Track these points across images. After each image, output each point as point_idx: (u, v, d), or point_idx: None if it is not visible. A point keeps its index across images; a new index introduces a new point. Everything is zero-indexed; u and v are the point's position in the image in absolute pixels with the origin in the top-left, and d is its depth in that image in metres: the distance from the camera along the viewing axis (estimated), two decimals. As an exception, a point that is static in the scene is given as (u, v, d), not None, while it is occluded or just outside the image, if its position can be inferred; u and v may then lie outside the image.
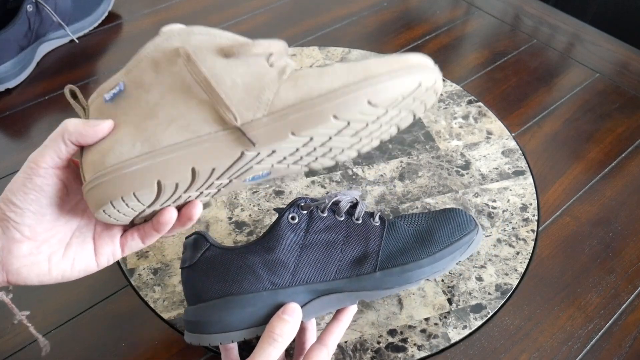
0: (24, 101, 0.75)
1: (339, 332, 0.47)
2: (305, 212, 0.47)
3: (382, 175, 0.67)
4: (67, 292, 0.56)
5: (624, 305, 0.57)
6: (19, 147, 0.70)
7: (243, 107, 0.39)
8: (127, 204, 0.39)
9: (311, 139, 0.39)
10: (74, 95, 0.42)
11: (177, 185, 0.39)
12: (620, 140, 0.74)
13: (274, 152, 0.40)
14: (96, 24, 0.86)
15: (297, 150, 0.41)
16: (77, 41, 0.84)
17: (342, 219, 0.48)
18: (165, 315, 0.54)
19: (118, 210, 0.40)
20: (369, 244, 0.47)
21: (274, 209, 0.49)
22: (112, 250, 0.45)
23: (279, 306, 0.45)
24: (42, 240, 0.41)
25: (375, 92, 0.38)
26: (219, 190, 0.44)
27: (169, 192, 0.39)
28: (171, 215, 0.42)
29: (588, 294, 0.58)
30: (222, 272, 0.45)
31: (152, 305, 0.55)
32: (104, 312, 0.54)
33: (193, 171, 0.39)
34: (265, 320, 0.44)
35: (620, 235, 0.63)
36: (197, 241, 0.47)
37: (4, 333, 0.52)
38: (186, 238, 0.48)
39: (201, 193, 0.43)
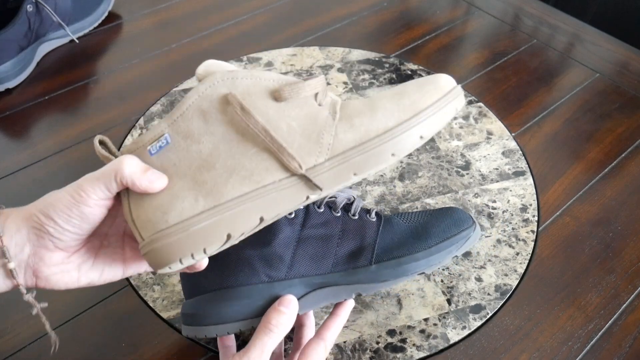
0: (24, 101, 0.75)
1: (336, 327, 0.47)
2: (301, 207, 0.46)
3: (382, 176, 0.67)
4: (67, 292, 0.56)
5: (624, 305, 0.57)
6: (19, 147, 0.70)
7: (304, 153, 0.39)
8: (194, 258, 0.39)
9: (366, 176, 0.41)
10: (102, 143, 0.40)
11: (243, 233, 0.39)
12: (620, 140, 0.74)
13: (331, 191, 0.41)
14: (96, 24, 0.87)
15: (350, 185, 0.43)
16: (77, 41, 0.84)
17: (338, 214, 0.48)
18: (165, 315, 0.54)
19: (182, 264, 0.39)
20: (365, 238, 0.48)
21: None
22: (139, 265, 0.44)
23: (274, 298, 0.45)
24: (74, 251, 0.41)
25: (426, 127, 0.41)
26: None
27: (234, 240, 0.39)
28: (205, 262, 0.43)
29: (588, 294, 0.58)
30: (218, 265, 0.45)
31: (151, 304, 0.55)
32: (104, 312, 0.54)
33: (261, 219, 0.39)
34: (261, 312, 0.45)
35: (620, 235, 0.63)
36: None
37: (4, 333, 0.52)
38: None
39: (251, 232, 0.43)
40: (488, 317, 0.55)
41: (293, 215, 0.47)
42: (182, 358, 0.52)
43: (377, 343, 0.53)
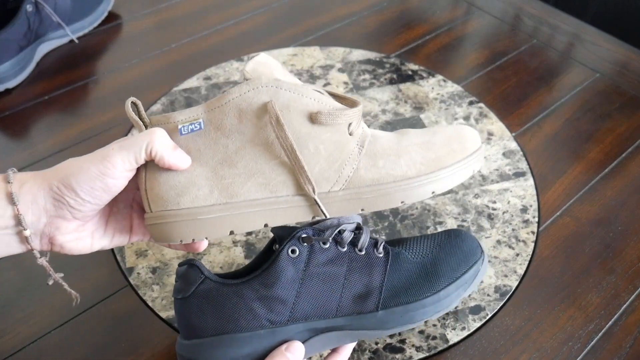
0: (23, 101, 0.75)
1: None
2: (306, 244, 0.44)
3: (382, 176, 0.67)
4: (67, 292, 0.56)
5: (625, 305, 0.57)
6: (18, 147, 0.70)
7: (322, 178, 0.41)
8: (194, 241, 0.41)
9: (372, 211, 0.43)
10: (135, 106, 0.41)
11: (245, 233, 0.41)
12: (621, 140, 0.74)
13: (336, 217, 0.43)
14: (96, 24, 0.86)
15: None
16: (77, 41, 0.84)
17: (344, 250, 0.45)
18: (163, 314, 0.54)
19: (181, 242, 0.41)
20: (372, 279, 0.45)
21: (272, 230, 0.46)
22: (143, 232, 0.46)
23: (276, 345, 0.43)
24: (89, 220, 0.42)
25: (441, 185, 0.43)
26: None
27: (234, 235, 0.42)
28: (203, 245, 0.45)
29: (588, 294, 0.58)
30: (217, 308, 0.43)
31: (150, 304, 0.55)
32: (104, 312, 0.54)
33: (265, 225, 0.42)
34: (261, 359, 0.43)
35: (620, 236, 0.63)
36: (191, 273, 0.44)
37: (4, 333, 0.52)
38: (179, 265, 0.46)
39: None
40: (487, 318, 0.55)
41: (297, 254, 0.44)
42: (182, 358, 0.52)
43: (376, 344, 0.53)
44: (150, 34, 0.87)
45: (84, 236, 0.42)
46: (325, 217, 0.42)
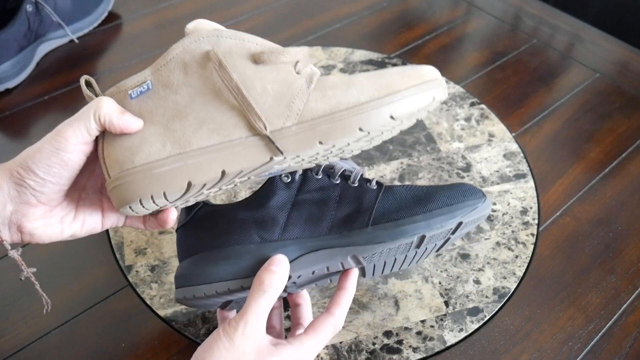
0: (23, 101, 0.75)
1: (345, 302, 0.46)
2: (298, 173, 0.46)
3: (382, 176, 0.67)
4: (67, 292, 0.56)
5: (625, 305, 0.57)
6: (18, 147, 0.70)
7: (273, 115, 0.41)
8: (154, 201, 0.41)
9: (333, 145, 0.42)
10: (88, 84, 0.42)
11: (204, 184, 0.41)
12: (621, 141, 0.74)
13: (297, 156, 0.42)
14: (96, 24, 0.86)
15: (317, 153, 0.43)
16: (77, 41, 0.84)
17: (337, 182, 0.46)
18: (162, 313, 0.54)
19: (143, 206, 0.41)
20: (362, 203, 0.46)
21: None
22: (117, 217, 0.46)
23: (265, 259, 0.44)
24: (55, 204, 0.42)
25: (398, 107, 0.41)
26: (235, 185, 0.45)
27: (195, 190, 0.41)
28: (172, 215, 0.44)
29: (588, 294, 0.58)
30: (211, 227, 0.45)
31: (148, 302, 0.55)
32: (104, 312, 0.54)
33: (223, 172, 0.40)
34: (251, 272, 0.44)
35: (620, 236, 0.63)
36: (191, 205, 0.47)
37: (4, 333, 0.52)
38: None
39: (220, 189, 0.44)
40: (485, 319, 0.55)
41: (289, 180, 0.46)
42: (182, 358, 0.52)
43: (374, 344, 0.53)
44: (150, 34, 0.87)
45: (52, 222, 0.42)
46: (281, 153, 0.41)
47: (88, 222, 0.45)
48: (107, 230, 0.60)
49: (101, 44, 0.85)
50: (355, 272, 0.47)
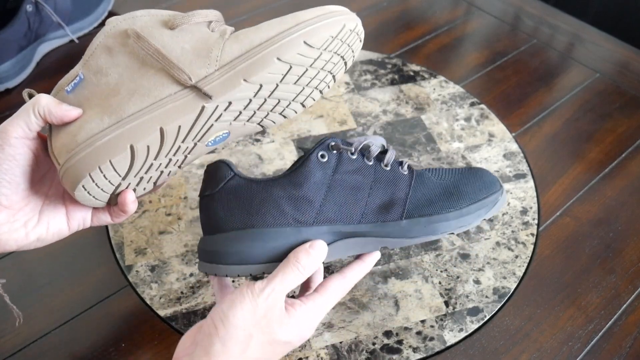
0: (23, 101, 0.75)
1: (360, 270, 0.47)
2: (335, 152, 0.46)
3: (382, 176, 0.67)
4: (66, 293, 0.56)
5: (625, 305, 0.57)
6: (18, 147, 0.70)
7: (195, 67, 0.44)
8: (104, 175, 0.42)
9: (260, 86, 0.44)
10: (31, 96, 0.44)
11: (148, 148, 0.43)
12: (621, 141, 0.74)
13: (230, 104, 0.44)
14: (96, 24, 0.86)
15: (250, 102, 0.45)
16: (77, 41, 0.84)
17: (370, 163, 0.47)
18: (162, 312, 0.54)
19: (96, 185, 0.43)
20: (396, 191, 0.47)
21: (299, 147, 0.48)
22: (83, 217, 0.47)
23: (300, 244, 0.44)
24: (18, 208, 0.44)
25: (308, 33, 0.44)
26: (185, 157, 0.47)
27: (141, 157, 0.43)
28: (130, 196, 0.46)
29: (588, 294, 0.58)
30: (245, 203, 0.45)
31: (148, 302, 0.55)
32: (104, 312, 0.54)
33: (161, 131, 0.42)
34: (285, 257, 0.44)
35: (620, 236, 0.63)
36: (221, 169, 0.46)
37: (4, 333, 0.52)
38: (208, 167, 0.47)
39: (170, 161, 0.46)
40: (485, 319, 0.55)
41: (326, 159, 0.46)
42: (181, 358, 0.52)
43: (374, 344, 0.53)
44: (150, 34, 0.87)
45: (17, 227, 0.44)
46: (210, 97, 0.43)
47: (53, 225, 0.46)
48: (107, 230, 0.60)
49: (101, 44, 0.85)
50: (377, 254, 0.48)
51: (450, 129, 0.73)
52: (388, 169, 0.48)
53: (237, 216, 0.45)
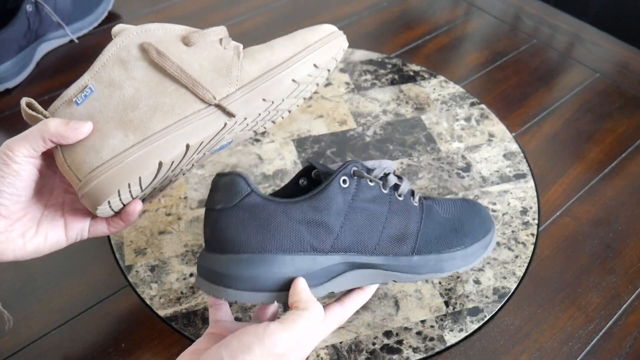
0: (23, 101, 0.75)
1: (358, 300, 0.47)
2: (355, 178, 0.45)
3: (382, 176, 0.67)
4: (66, 293, 0.56)
5: (625, 305, 0.57)
6: (18, 147, 0.70)
7: (217, 86, 0.45)
8: (130, 190, 0.43)
9: (272, 102, 0.47)
10: (30, 106, 0.44)
11: (172, 162, 0.44)
12: (621, 141, 0.74)
13: (245, 119, 0.47)
14: (96, 24, 0.86)
15: (259, 115, 0.48)
16: (76, 41, 0.84)
17: (386, 192, 0.47)
18: (161, 313, 0.54)
19: (120, 199, 0.43)
20: (409, 224, 0.47)
21: (309, 161, 0.48)
22: (81, 228, 0.47)
23: (314, 273, 0.43)
24: (16, 218, 0.44)
25: (317, 56, 0.48)
26: (192, 165, 0.49)
27: (164, 171, 0.44)
28: (139, 206, 0.46)
29: (588, 294, 0.58)
30: (262, 224, 0.42)
31: (148, 302, 0.55)
32: (104, 312, 0.54)
33: (187, 146, 0.44)
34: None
35: (620, 236, 0.63)
36: (237, 183, 0.43)
37: (3, 333, 0.52)
38: (219, 176, 0.44)
39: (181, 170, 0.47)
40: (485, 320, 0.55)
41: (347, 185, 0.44)
42: (181, 358, 0.52)
43: (374, 344, 0.53)
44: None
45: (14, 236, 0.44)
46: (233, 116, 0.45)
47: (51, 236, 0.46)
48: (107, 230, 0.60)
49: (101, 44, 0.84)
50: (376, 285, 0.48)
51: (450, 129, 0.73)
52: (401, 199, 0.47)
53: (253, 238, 0.42)
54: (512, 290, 0.57)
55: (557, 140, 0.73)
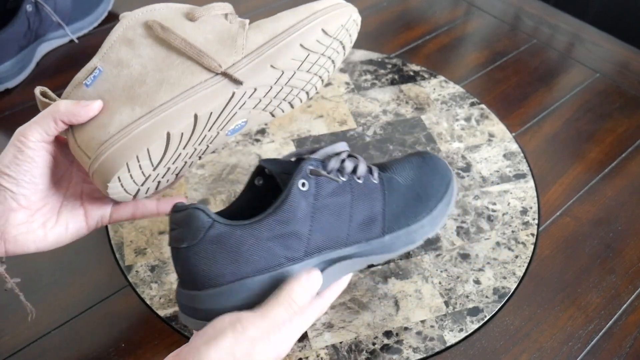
0: (23, 101, 0.75)
1: (336, 289, 0.47)
2: (313, 177, 0.45)
3: (382, 176, 0.67)
4: (67, 292, 0.56)
5: (625, 305, 0.57)
6: (18, 147, 0.70)
7: (223, 55, 0.45)
8: (140, 165, 0.43)
9: (282, 72, 0.47)
10: (44, 94, 0.45)
11: (182, 135, 0.44)
12: (621, 141, 0.74)
13: (255, 90, 0.46)
14: (96, 24, 0.86)
15: (270, 89, 0.47)
16: (76, 41, 0.84)
17: (344, 179, 0.47)
18: (162, 313, 0.54)
19: (130, 175, 0.43)
20: (374, 205, 0.48)
21: (263, 163, 0.47)
22: (101, 215, 0.48)
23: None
24: (36, 208, 0.44)
25: (325, 21, 0.47)
26: (207, 146, 0.49)
27: (174, 145, 0.44)
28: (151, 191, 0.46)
29: (588, 294, 0.58)
30: (233, 253, 0.41)
31: (148, 302, 0.55)
32: (104, 312, 0.54)
33: (195, 117, 0.43)
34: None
35: (620, 236, 0.63)
36: (196, 217, 0.41)
37: (4, 333, 0.52)
38: (174, 212, 0.42)
39: (194, 150, 0.47)
40: (485, 320, 0.55)
41: (306, 188, 0.44)
42: (181, 358, 0.52)
43: (374, 344, 0.53)
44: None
45: (35, 227, 0.44)
46: (241, 83, 0.44)
47: (72, 226, 0.46)
48: (107, 230, 0.60)
49: (101, 43, 0.85)
50: (351, 275, 0.49)
51: (450, 129, 0.73)
52: (361, 182, 0.47)
53: (227, 268, 0.41)
54: (512, 290, 0.57)
55: (557, 140, 0.73)
